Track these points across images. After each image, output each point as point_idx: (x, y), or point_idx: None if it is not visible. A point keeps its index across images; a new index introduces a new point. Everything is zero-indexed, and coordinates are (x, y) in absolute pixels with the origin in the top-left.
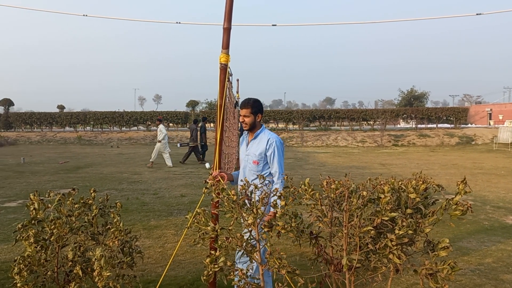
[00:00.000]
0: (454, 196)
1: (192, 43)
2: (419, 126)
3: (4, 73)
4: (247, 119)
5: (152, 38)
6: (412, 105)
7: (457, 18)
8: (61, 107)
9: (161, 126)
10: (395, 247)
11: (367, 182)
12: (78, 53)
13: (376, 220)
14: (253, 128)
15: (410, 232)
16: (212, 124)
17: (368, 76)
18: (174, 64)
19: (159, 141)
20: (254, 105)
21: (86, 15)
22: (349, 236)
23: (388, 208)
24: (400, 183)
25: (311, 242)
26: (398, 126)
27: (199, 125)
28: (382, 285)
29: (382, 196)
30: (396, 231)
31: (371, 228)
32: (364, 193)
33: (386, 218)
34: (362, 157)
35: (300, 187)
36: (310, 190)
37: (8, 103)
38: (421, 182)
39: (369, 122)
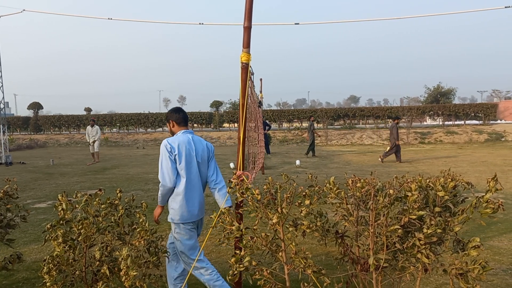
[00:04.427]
0: (484, 194)
1: (215, 46)
2: (446, 123)
3: (34, 78)
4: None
5: (177, 43)
6: (439, 102)
7: (484, 11)
8: (88, 110)
9: (89, 127)
10: (424, 246)
11: (393, 180)
12: (104, 59)
13: (403, 218)
14: (173, 134)
15: (439, 231)
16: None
17: (393, 73)
18: (198, 66)
19: (94, 141)
20: (167, 114)
21: (111, 19)
22: (375, 235)
23: (416, 206)
24: (428, 181)
25: (337, 241)
26: (425, 123)
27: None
28: (410, 285)
29: (409, 194)
30: (425, 230)
31: (399, 227)
32: (391, 191)
33: (414, 217)
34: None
35: (325, 186)
36: (335, 189)
37: (37, 106)
38: (449, 180)
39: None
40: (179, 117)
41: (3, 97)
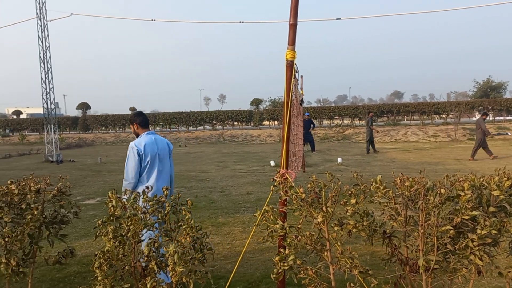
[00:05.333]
0: None
1: (255, 44)
2: (497, 118)
3: (83, 81)
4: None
5: (217, 42)
6: (489, 97)
7: None
8: (133, 109)
9: None
10: (477, 248)
11: (444, 179)
12: (148, 62)
13: (455, 219)
14: (137, 135)
15: (493, 232)
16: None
17: (439, 67)
18: (238, 65)
19: None
20: (131, 118)
21: (154, 20)
22: (425, 235)
23: (469, 206)
24: (481, 179)
25: (384, 241)
26: (474, 119)
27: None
28: (462, 287)
29: (462, 193)
30: (478, 231)
31: (450, 227)
32: (442, 190)
33: (467, 217)
34: (435, 153)
35: (372, 184)
36: (382, 187)
37: (85, 106)
38: (505, 179)
39: (441, 115)
40: (142, 120)
41: (54, 98)
